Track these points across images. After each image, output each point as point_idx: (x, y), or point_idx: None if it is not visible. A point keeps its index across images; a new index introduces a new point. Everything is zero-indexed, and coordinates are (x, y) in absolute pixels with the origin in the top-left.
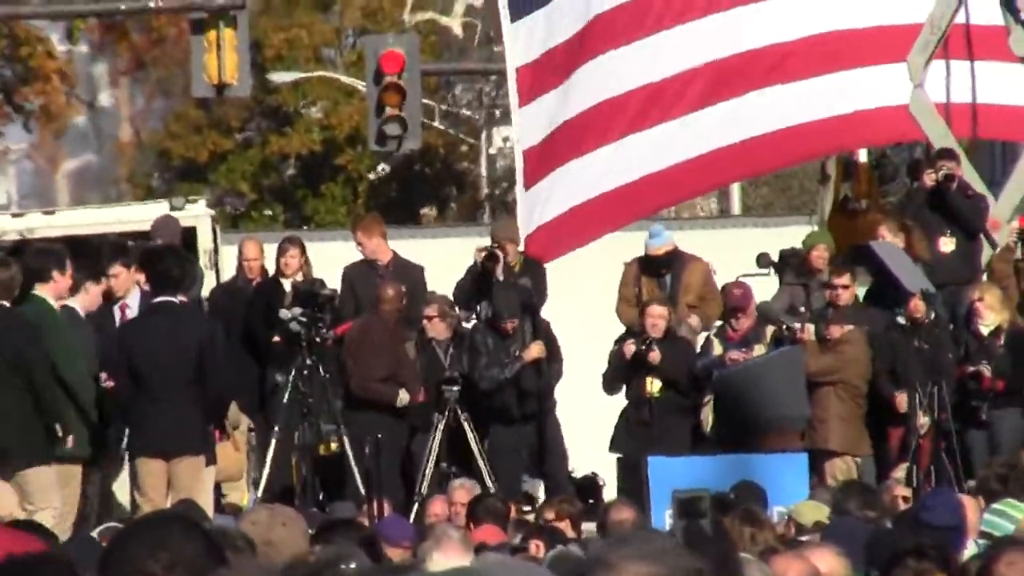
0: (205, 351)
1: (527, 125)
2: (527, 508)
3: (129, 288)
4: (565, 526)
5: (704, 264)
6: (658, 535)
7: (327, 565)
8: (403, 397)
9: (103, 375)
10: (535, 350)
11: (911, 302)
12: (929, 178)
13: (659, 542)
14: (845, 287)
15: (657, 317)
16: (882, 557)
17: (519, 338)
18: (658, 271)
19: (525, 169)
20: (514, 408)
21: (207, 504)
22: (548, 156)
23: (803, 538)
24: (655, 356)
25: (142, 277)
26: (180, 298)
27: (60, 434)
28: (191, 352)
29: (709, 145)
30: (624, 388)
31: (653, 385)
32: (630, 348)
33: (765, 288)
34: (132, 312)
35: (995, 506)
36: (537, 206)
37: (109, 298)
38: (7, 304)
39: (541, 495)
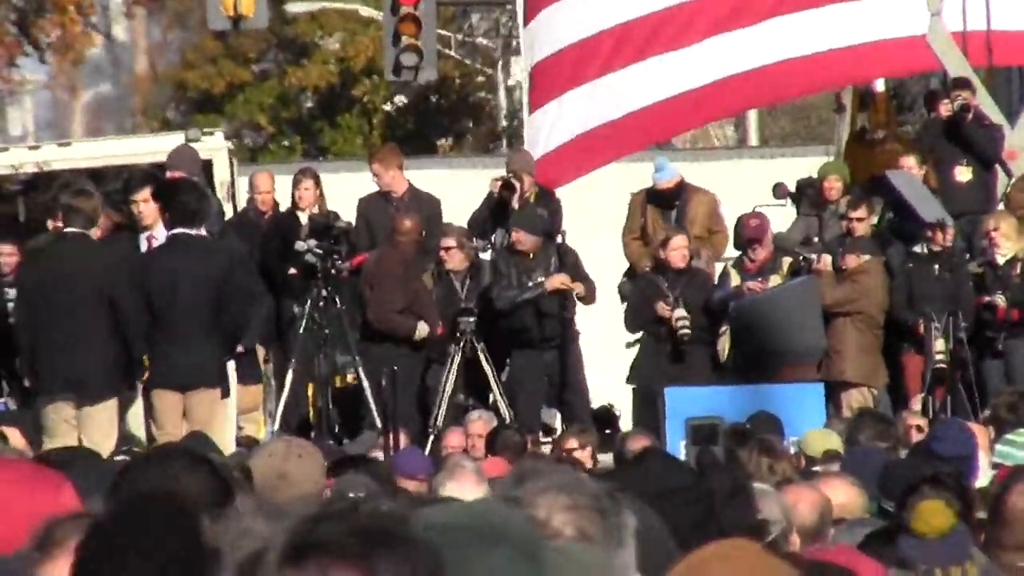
0: (223, 284)
1: (532, 41)
2: (545, 439)
3: (156, 218)
4: (585, 456)
5: (711, 196)
6: (556, 468)
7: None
8: (422, 329)
9: None
10: (557, 280)
11: (933, 231)
12: (945, 108)
13: (562, 473)
14: (860, 220)
15: (680, 248)
16: (895, 487)
17: (542, 263)
18: (666, 204)
19: (531, 91)
20: (534, 330)
21: (225, 437)
22: (554, 79)
23: (817, 468)
24: (680, 315)
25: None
26: (198, 231)
27: (145, 365)
28: (209, 285)
29: (720, 73)
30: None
31: (674, 320)
32: (664, 310)
33: (782, 219)
34: (159, 243)
35: (1007, 436)
36: (543, 131)
37: (133, 227)
38: (91, 235)
39: (558, 425)
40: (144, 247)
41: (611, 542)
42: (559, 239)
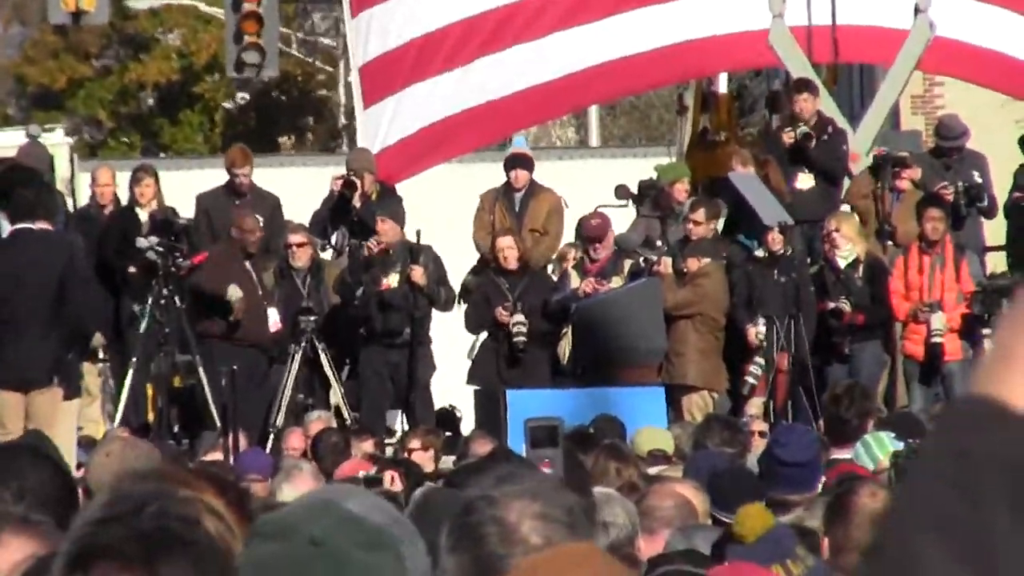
0: (66, 279)
1: (360, 40)
2: (389, 440)
3: None
4: (427, 458)
5: (555, 197)
6: (532, 472)
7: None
8: (233, 291)
9: None
10: (418, 273)
11: (768, 235)
12: (788, 137)
13: (541, 481)
14: (698, 223)
15: (504, 248)
16: (721, 497)
17: (395, 256)
18: (513, 195)
19: (363, 86)
20: (378, 323)
21: (68, 437)
22: (393, 74)
23: (653, 470)
24: (517, 320)
25: None
26: (40, 225)
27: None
28: (51, 281)
29: (562, 69)
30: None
31: (511, 326)
32: (502, 315)
33: (623, 220)
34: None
35: (866, 436)
36: (381, 126)
37: None
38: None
39: (398, 427)
40: None
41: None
42: (415, 238)
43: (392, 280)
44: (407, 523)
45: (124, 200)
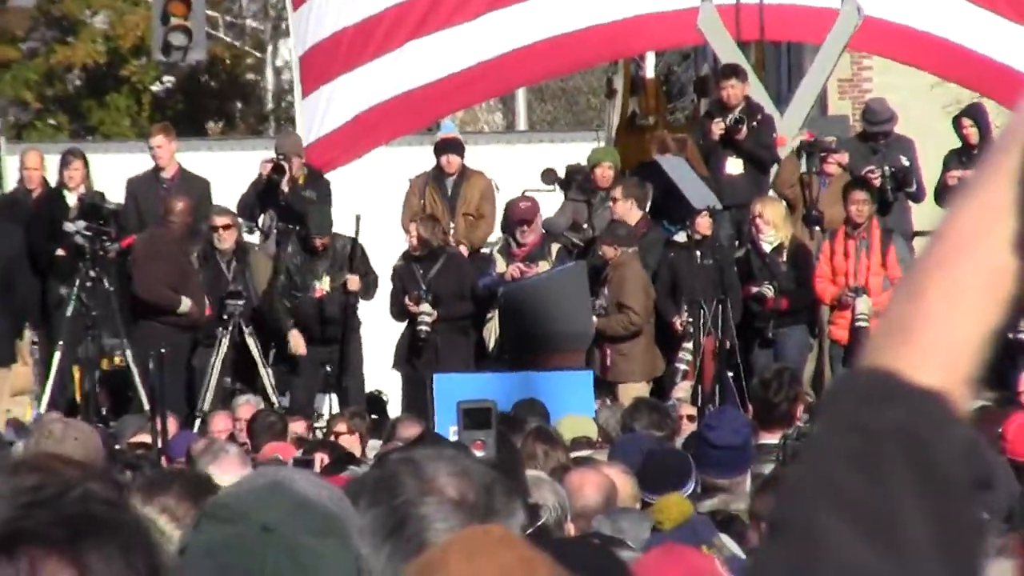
0: (14, 263)
1: (299, 31)
2: (318, 424)
3: None
4: (353, 441)
5: (486, 180)
6: (452, 449)
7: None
8: (185, 303)
9: None
10: (354, 283)
11: (696, 219)
12: (718, 127)
13: (462, 452)
14: (615, 200)
15: (414, 237)
16: (651, 480)
17: (329, 255)
18: (444, 180)
19: (302, 75)
20: (315, 328)
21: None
22: (328, 63)
23: (582, 453)
24: (423, 311)
25: None
26: None
27: None
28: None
29: (490, 52)
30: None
31: (418, 311)
32: (409, 305)
33: (551, 204)
34: None
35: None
36: (317, 115)
37: None
38: None
39: (325, 411)
40: None
41: (491, 513)
42: (354, 224)
43: (325, 284)
44: (349, 506)
45: (53, 184)
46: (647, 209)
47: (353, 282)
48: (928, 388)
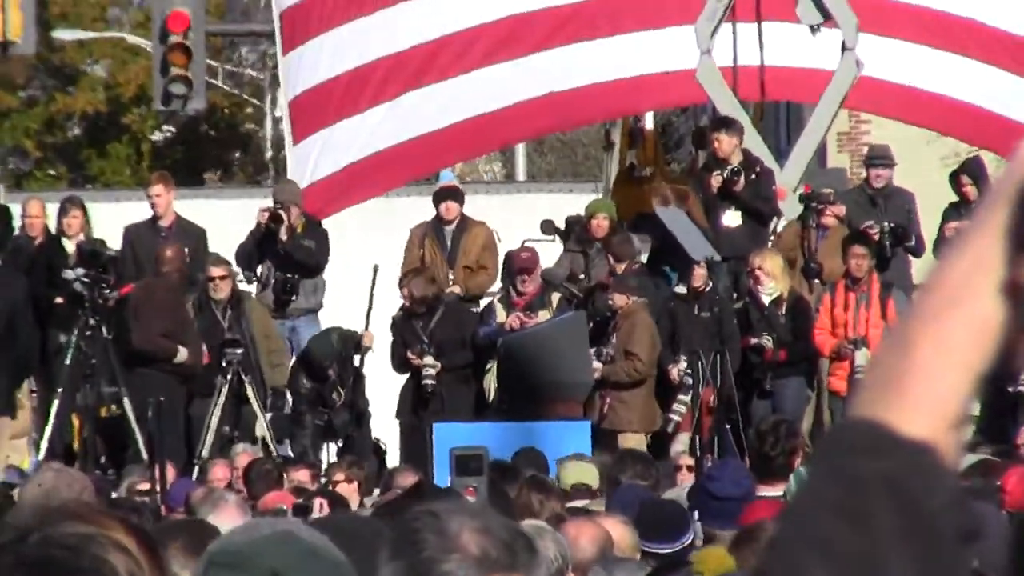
0: (17, 311)
1: (290, 76)
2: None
3: None
4: (352, 490)
5: (488, 230)
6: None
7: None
8: (183, 354)
9: None
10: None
11: (692, 271)
12: (715, 179)
13: (483, 508)
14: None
15: (407, 298)
16: (650, 529)
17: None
18: (443, 229)
19: (292, 121)
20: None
21: None
22: (322, 109)
23: (578, 503)
24: (427, 363)
25: None
26: None
27: None
28: (2, 315)
29: (489, 106)
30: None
31: (422, 369)
32: (412, 358)
33: (550, 254)
34: None
35: (800, 468)
36: (310, 161)
37: None
38: None
39: (325, 459)
40: None
41: (512, 568)
42: (372, 273)
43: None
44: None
45: (53, 231)
46: (636, 259)
47: (368, 337)
48: (918, 439)
